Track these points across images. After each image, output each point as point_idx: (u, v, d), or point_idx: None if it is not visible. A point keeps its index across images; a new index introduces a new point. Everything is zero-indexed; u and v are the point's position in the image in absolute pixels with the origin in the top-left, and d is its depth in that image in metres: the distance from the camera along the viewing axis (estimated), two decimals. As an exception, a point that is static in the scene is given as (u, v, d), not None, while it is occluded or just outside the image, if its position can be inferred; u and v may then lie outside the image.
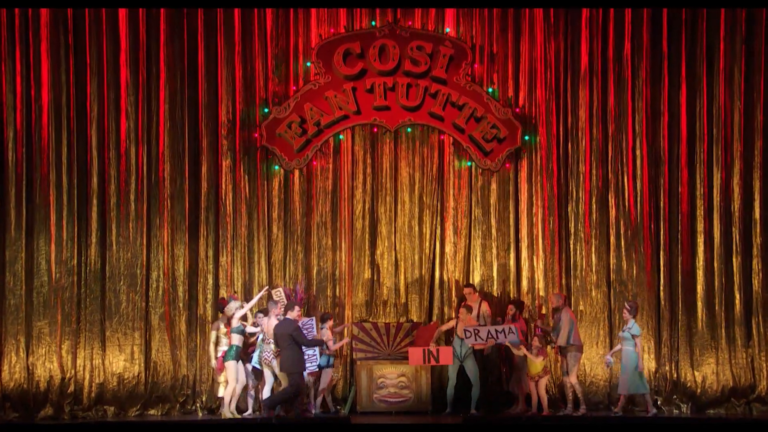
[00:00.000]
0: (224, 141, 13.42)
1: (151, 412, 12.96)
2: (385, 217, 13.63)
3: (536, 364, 12.31)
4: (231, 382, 11.86)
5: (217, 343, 12.19)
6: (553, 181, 13.61)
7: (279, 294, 12.66)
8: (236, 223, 13.35)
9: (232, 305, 12.09)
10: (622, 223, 13.53)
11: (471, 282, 13.46)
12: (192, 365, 13.13)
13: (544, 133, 13.68)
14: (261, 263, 13.41)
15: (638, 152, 13.62)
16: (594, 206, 13.60)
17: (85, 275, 13.04)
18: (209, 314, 13.23)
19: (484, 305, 13.07)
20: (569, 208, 13.63)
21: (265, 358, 11.85)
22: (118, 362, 12.98)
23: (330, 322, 12.71)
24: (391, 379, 12.79)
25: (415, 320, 13.45)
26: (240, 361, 11.97)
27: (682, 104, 13.61)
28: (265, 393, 11.88)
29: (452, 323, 12.68)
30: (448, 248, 13.60)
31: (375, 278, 13.58)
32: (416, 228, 13.65)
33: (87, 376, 12.91)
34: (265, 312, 12.30)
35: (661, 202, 13.53)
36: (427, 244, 13.64)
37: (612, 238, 13.54)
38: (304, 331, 11.88)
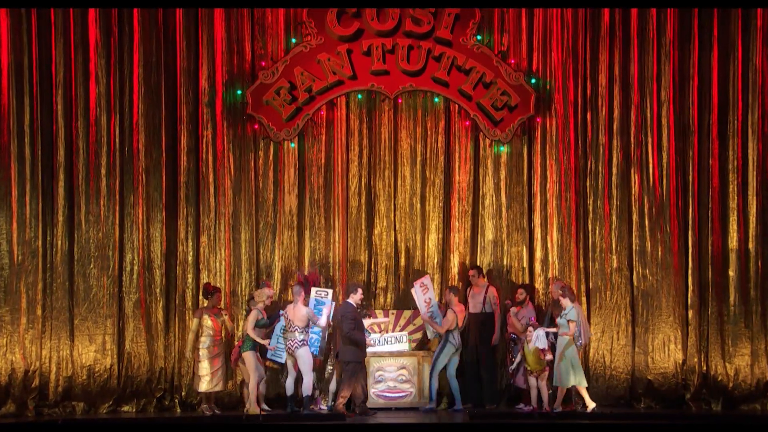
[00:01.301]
0: (205, 109, 13.22)
1: (125, 408, 12.80)
2: (383, 194, 13.46)
3: (536, 358, 12.13)
4: (252, 375, 11.86)
5: (199, 334, 12.18)
6: (570, 154, 13.40)
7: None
8: (219, 201, 13.17)
9: (266, 292, 12.03)
10: (645, 200, 13.32)
11: (477, 264, 13.28)
12: (170, 357, 12.98)
13: (560, 101, 13.46)
14: (246, 244, 13.23)
15: (664, 122, 13.38)
16: (615, 182, 13.38)
17: (50, 257, 12.86)
18: (189, 300, 13.08)
19: (492, 290, 12.94)
20: (587, 184, 13.42)
21: (289, 347, 11.89)
22: (88, 353, 12.77)
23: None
24: (391, 373, 12.68)
25: (415, 307, 13.17)
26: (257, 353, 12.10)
27: (714, 68, 13.35)
28: (288, 385, 11.96)
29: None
30: (453, 228, 13.45)
31: (372, 261, 13.42)
32: (418, 206, 13.49)
33: (53, 369, 12.74)
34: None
35: (690, 177, 13.33)
36: (430, 223, 13.47)
37: (635, 217, 13.33)
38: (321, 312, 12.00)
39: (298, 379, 12.18)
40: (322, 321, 12.13)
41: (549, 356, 12.10)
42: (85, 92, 12.98)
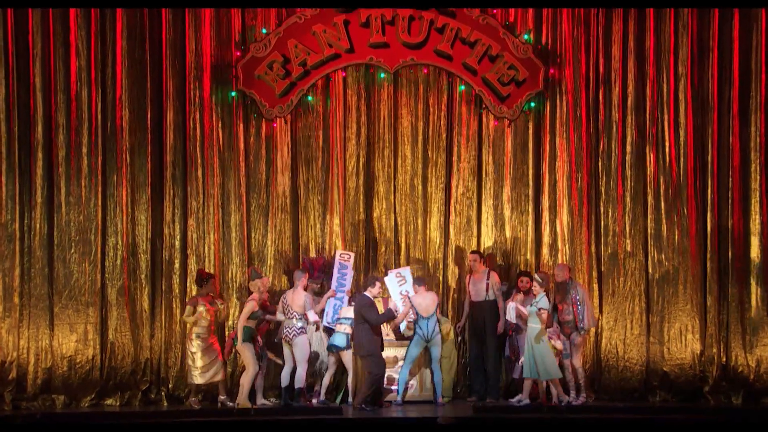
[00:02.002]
0: (193, 84, 13.08)
1: (108, 401, 12.69)
2: (382, 174, 13.38)
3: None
4: (250, 368, 11.83)
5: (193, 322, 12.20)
6: (581, 132, 13.29)
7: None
8: (208, 182, 13.08)
9: (259, 283, 12.04)
10: (661, 180, 13.21)
11: (479, 249, 13.23)
12: (156, 347, 12.90)
13: (571, 75, 13.33)
14: (237, 228, 13.15)
15: (681, 97, 13.27)
16: (629, 161, 13.27)
17: (28, 241, 12.74)
18: (176, 287, 12.98)
19: (493, 276, 12.84)
20: (599, 164, 13.32)
21: (286, 335, 11.92)
22: (69, 344, 12.66)
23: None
24: (391, 365, 12.51)
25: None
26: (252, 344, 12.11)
27: (735, 39, 13.19)
28: (284, 376, 11.97)
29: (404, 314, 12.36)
30: (456, 210, 13.39)
31: (371, 245, 13.34)
32: (419, 187, 13.41)
33: (32, 360, 12.64)
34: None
35: (709, 156, 13.23)
36: (432, 205, 13.40)
37: (650, 199, 13.24)
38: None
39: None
40: (311, 315, 12.04)
41: (559, 345, 12.01)
42: (64, 65, 12.79)
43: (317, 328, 12.25)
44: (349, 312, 12.28)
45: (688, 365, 12.98)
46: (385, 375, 12.15)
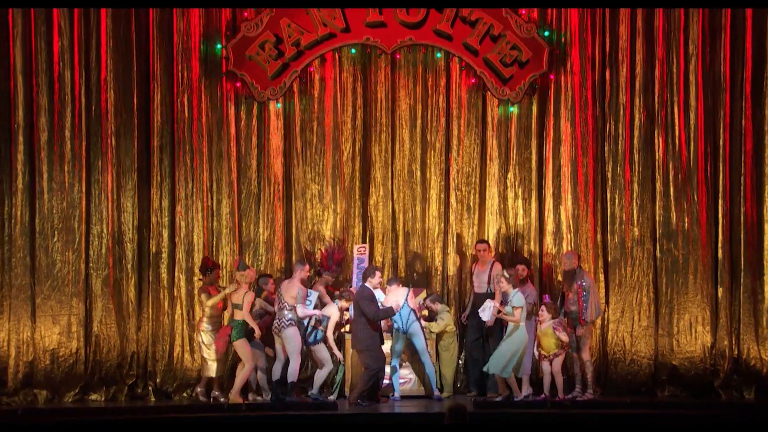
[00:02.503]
0: (181, 65, 12.99)
1: (93, 396, 12.64)
2: (380, 159, 13.35)
3: (551, 340, 12.02)
4: (248, 364, 11.85)
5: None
6: (587, 115, 13.22)
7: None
8: (197, 167, 13.02)
9: (249, 274, 12.04)
10: (671, 165, 13.14)
11: (485, 238, 13.21)
12: (143, 340, 12.86)
13: (576, 55, 13.26)
14: (227, 216, 13.10)
15: (692, 78, 13.17)
16: (636, 145, 13.19)
17: (9, 230, 12.66)
18: (164, 277, 12.95)
19: (497, 266, 12.79)
20: (606, 148, 13.25)
21: (275, 327, 11.94)
22: (52, 336, 12.60)
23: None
24: (390, 359, 12.41)
25: (413, 285, 13.13)
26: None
27: (748, 17, 13.07)
28: (275, 369, 11.99)
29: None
30: (457, 197, 13.36)
31: (367, 234, 13.31)
32: (418, 173, 13.37)
33: (12, 354, 12.57)
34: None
35: (720, 140, 13.13)
36: (431, 192, 13.36)
37: (659, 185, 13.17)
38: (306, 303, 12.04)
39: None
40: (300, 310, 11.92)
41: (565, 338, 11.97)
42: (47, 45, 12.67)
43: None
44: (328, 310, 12.21)
45: (698, 358, 12.92)
46: (384, 370, 12.10)
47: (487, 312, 11.92)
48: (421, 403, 12.18)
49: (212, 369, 12.15)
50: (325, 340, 12.10)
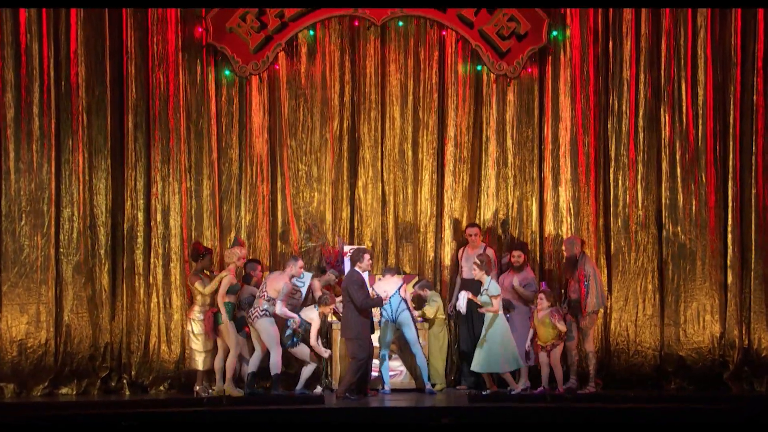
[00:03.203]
0: (157, 37, 12.87)
1: (63, 390, 12.58)
2: (368, 139, 13.27)
3: (548, 329, 12.03)
4: (233, 349, 11.88)
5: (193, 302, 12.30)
6: (589, 91, 13.18)
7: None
8: (174, 146, 12.90)
9: (236, 252, 12.09)
10: (678, 145, 13.10)
11: (477, 221, 13.22)
12: (117, 330, 12.78)
13: (577, 27, 13.22)
14: (207, 198, 13.00)
15: (700, 51, 13.13)
16: (641, 123, 13.16)
17: None
18: (139, 264, 12.86)
19: (489, 251, 12.82)
20: (609, 126, 13.20)
21: (249, 315, 11.89)
22: (19, 326, 12.49)
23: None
24: (377, 350, 12.36)
25: (407, 272, 13.21)
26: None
27: None
28: (252, 361, 11.93)
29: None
30: (451, 179, 13.33)
31: (355, 218, 13.30)
32: (409, 153, 13.31)
33: None
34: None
35: (730, 118, 13.09)
36: (423, 173, 13.33)
37: (665, 165, 13.13)
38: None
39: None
40: (278, 307, 11.79)
41: (563, 327, 11.96)
42: (12, 15, 12.51)
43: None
44: (308, 314, 12.12)
45: (707, 349, 12.88)
46: (372, 360, 12.01)
47: (461, 303, 11.91)
48: (412, 397, 12.14)
49: (199, 362, 12.11)
50: (306, 342, 12.01)
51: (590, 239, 13.01)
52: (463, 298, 11.87)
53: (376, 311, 12.22)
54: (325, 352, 12.11)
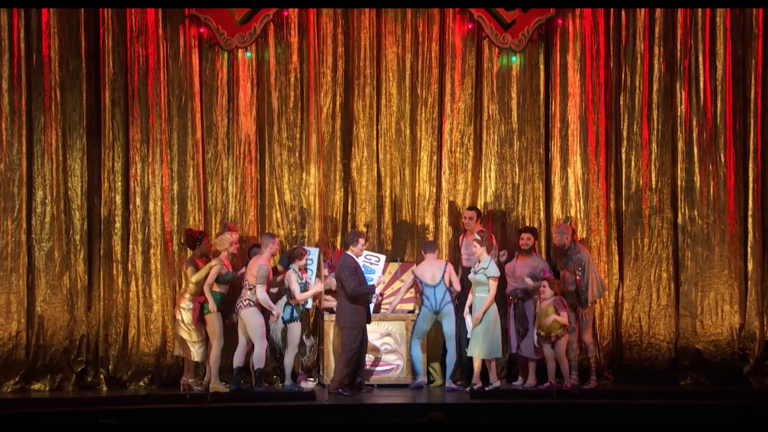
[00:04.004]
0: (135, 7, 12.85)
1: (36, 386, 12.55)
2: (363, 116, 13.21)
3: (551, 320, 12.00)
4: (216, 342, 11.91)
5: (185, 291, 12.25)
6: (600, 64, 13.12)
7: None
8: (155, 124, 12.85)
9: (227, 237, 12.09)
10: (695, 122, 13.04)
11: (476, 205, 13.15)
12: (94, 321, 12.72)
13: None
14: (191, 180, 12.93)
15: (719, 21, 13.11)
16: (656, 99, 13.10)
17: None
18: (117, 250, 12.79)
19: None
20: (621, 102, 13.15)
21: (236, 307, 11.94)
22: None
23: (301, 261, 12.38)
24: (373, 341, 12.44)
25: (405, 259, 13.16)
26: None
27: None
28: (237, 355, 11.97)
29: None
30: (450, 159, 13.27)
31: (349, 201, 13.28)
32: (407, 131, 13.26)
33: None
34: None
35: (751, 93, 13.02)
36: (421, 153, 13.27)
37: (680, 144, 13.07)
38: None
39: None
40: (259, 292, 11.76)
41: (564, 319, 11.95)
42: None
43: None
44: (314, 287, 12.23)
45: (725, 342, 12.83)
46: (365, 353, 11.97)
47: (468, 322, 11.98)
48: (409, 393, 12.07)
49: (194, 353, 12.06)
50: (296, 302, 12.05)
51: (600, 224, 12.98)
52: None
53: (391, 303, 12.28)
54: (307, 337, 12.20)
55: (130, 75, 12.72)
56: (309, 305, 12.38)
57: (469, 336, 11.97)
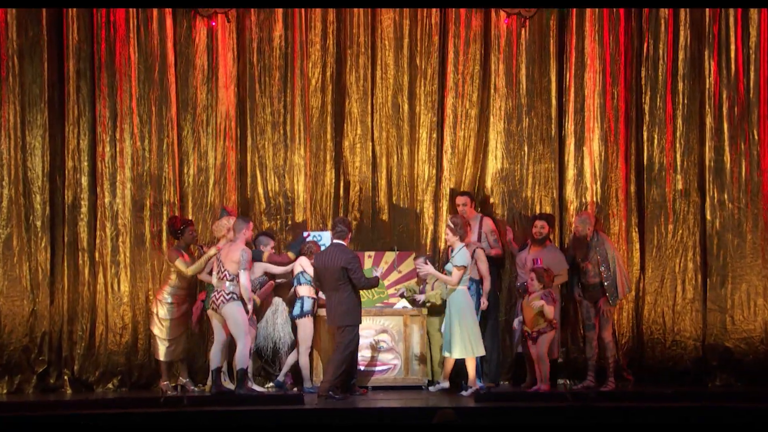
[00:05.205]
0: None
1: None
2: (356, 90, 13.20)
3: (536, 314, 12.02)
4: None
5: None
6: (619, 32, 13.04)
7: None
8: (124, 98, 12.87)
9: (224, 223, 12.07)
10: (725, 96, 12.94)
11: (470, 189, 13.16)
12: (57, 317, 12.72)
13: None
14: (166, 159, 12.92)
15: None
16: (681, 71, 13.02)
17: None
18: (83, 238, 12.76)
19: (487, 222, 12.86)
20: (642, 74, 13.04)
21: (213, 301, 11.76)
22: None
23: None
24: (368, 338, 12.43)
25: (400, 247, 13.06)
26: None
27: None
28: (213, 354, 11.88)
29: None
30: (452, 138, 13.25)
31: (341, 183, 13.28)
32: (405, 106, 13.22)
33: None
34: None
35: None
36: (421, 130, 13.24)
37: (708, 120, 12.98)
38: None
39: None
40: (243, 278, 11.65)
41: (549, 314, 11.93)
42: None
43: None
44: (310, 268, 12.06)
45: (758, 339, 12.73)
46: (358, 353, 11.93)
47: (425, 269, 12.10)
48: (407, 396, 11.96)
49: (161, 351, 12.11)
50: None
51: (619, 209, 12.94)
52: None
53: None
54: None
55: (96, 43, 12.68)
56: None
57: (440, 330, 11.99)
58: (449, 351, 11.72)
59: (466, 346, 11.67)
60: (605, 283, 12.13)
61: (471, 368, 11.76)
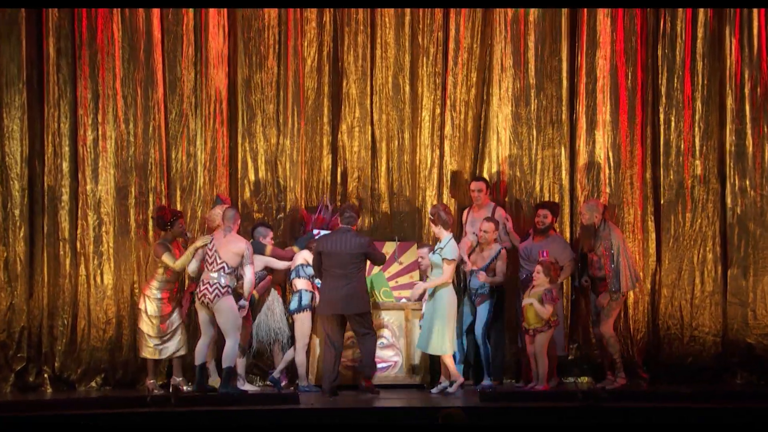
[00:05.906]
0: None
1: None
2: (355, 70, 13.17)
3: (532, 310, 11.98)
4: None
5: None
6: (634, 9, 12.98)
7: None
8: (107, 78, 12.79)
9: (218, 213, 12.05)
10: (747, 76, 12.87)
11: (483, 176, 13.09)
12: (36, 311, 12.66)
13: None
14: (152, 144, 12.88)
15: None
16: (700, 49, 12.99)
17: None
18: (64, 227, 12.71)
19: (500, 212, 12.79)
20: (659, 54, 13.00)
21: (204, 295, 11.67)
22: None
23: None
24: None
25: (401, 237, 13.02)
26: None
27: None
28: (199, 349, 11.82)
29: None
30: (456, 122, 13.22)
31: (338, 169, 13.25)
32: (406, 87, 13.20)
33: None
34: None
35: None
36: (423, 112, 13.21)
37: (729, 101, 12.93)
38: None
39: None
40: (248, 272, 11.64)
41: (546, 313, 11.88)
42: None
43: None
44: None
45: None
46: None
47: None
48: (408, 395, 11.96)
49: (148, 350, 12.09)
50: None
51: (634, 197, 12.90)
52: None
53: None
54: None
55: (77, 20, 12.61)
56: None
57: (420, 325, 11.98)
58: (425, 347, 11.76)
59: (445, 343, 11.69)
60: (607, 275, 12.12)
61: (450, 363, 11.78)
